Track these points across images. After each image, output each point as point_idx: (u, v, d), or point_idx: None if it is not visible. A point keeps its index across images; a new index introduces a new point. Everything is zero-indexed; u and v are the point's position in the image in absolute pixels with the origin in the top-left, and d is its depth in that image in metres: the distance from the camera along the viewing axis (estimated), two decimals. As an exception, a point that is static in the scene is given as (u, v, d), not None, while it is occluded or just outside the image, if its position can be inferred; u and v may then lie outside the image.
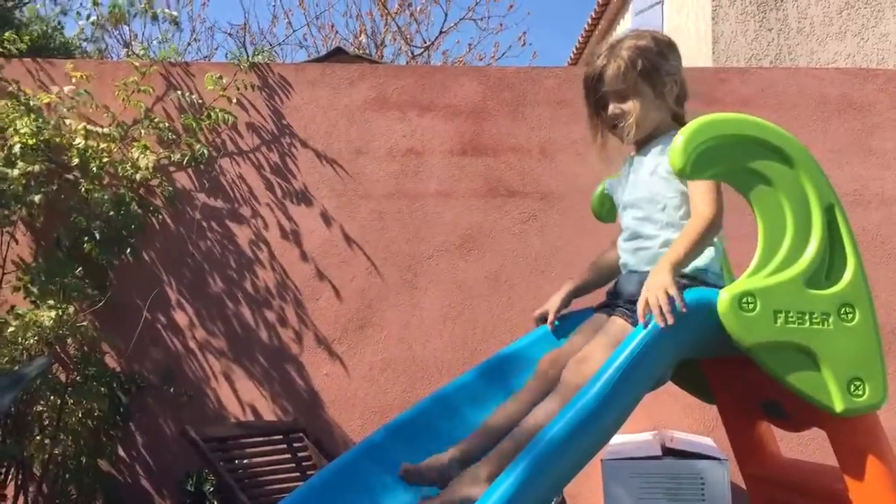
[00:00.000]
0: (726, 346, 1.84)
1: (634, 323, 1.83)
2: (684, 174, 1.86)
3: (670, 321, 1.70)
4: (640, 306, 1.75)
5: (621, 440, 3.45)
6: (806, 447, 3.62)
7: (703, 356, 2.09)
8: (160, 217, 4.00)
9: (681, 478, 3.07)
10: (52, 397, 3.54)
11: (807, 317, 1.83)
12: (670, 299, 1.72)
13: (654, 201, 2.01)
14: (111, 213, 3.75)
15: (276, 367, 3.99)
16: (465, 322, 4.01)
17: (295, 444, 3.61)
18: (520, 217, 4.08)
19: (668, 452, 3.24)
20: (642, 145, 2.10)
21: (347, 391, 3.96)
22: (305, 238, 4.07)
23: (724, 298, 1.82)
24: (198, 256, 4.04)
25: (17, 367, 3.28)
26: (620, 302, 1.98)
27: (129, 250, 3.83)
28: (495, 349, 2.28)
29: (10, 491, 3.47)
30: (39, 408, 3.54)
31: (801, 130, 3.88)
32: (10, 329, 3.44)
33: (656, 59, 2.01)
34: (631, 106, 2.01)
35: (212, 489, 3.58)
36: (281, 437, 3.62)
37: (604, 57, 2.02)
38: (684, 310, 1.72)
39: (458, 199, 4.09)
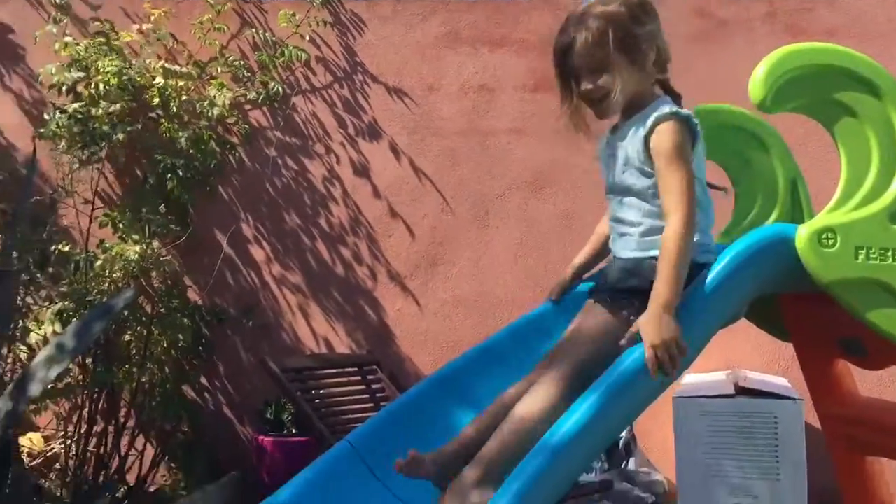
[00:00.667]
0: (804, 283, 1.80)
1: (613, 311, 1.80)
2: (764, 107, 1.81)
3: (675, 376, 1.66)
4: (649, 361, 1.64)
5: (694, 379, 3.44)
6: (885, 389, 3.54)
7: (779, 292, 2.06)
8: (237, 154, 4.08)
9: (753, 417, 3.04)
10: (138, 328, 3.70)
11: (890, 253, 1.78)
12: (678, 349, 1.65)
13: (631, 191, 1.90)
14: (191, 150, 3.84)
15: (351, 302, 4.07)
16: (536, 260, 4.00)
17: (369, 377, 3.70)
18: (593, 153, 4.02)
19: (742, 391, 3.21)
20: (623, 118, 1.97)
21: (420, 326, 4.02)
22: (377, 175, 4.10)
23: (802, 234, 1.78)
24: (273, 193, 4.12)
25: (105, 299, 3.43)
26: (605, 288, 1.90)
27: (208, 187, 3.94)
28: (566, 286, 2.28)
29: (101, 416, 3.66)
30: (127, 338, 3.70)
31: (890, 62, 3.68)
32: (99, 262, 3.59)
33: (629, 25, 1.83)
34: (606, 81, 1.84)
35: (290, 417, 3.71)
36: (356, 369, 3.72)
37: (572, 28, 1.85)
38: (685, 355, 1.65)
39: (530, 135, 4.05)
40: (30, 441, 3.80)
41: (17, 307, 3.44)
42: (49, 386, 3.35)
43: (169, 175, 3.80)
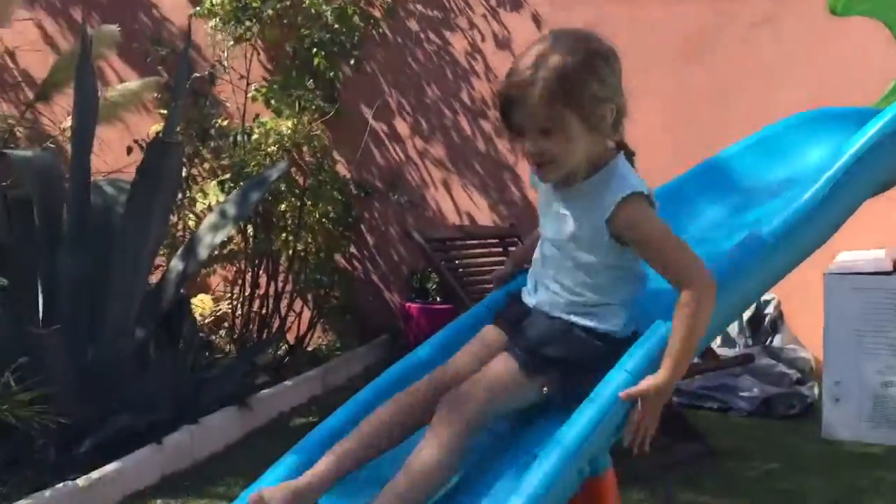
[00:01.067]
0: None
1: (528, 375, 1.59)
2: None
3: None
4: (633, 426, 1.51)
5: (850, 256, 3.29)
6: None
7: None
8: (381, 29, 4.11)
9: (911, 295, 2.91)
10: (292, 199, 3.90)
11: None
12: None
13: (575, 261, 1.65)
14: (335, 25, 3.90)
15: (492, 177, 4.11)
16: (687, 132, 3.87)
17: (510, 248, 3.77)
18: (751, 21, 3.78)
19: (900, 269, 3.06)
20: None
21: (561, 200, 4.02)
22: (520, 48, 4.04)
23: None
24: (416, 67, 4.15)
25: (261, 171, 3.62)
26: (519, 342, 1.66)
27: (352, 62, 4.01)
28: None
29: (262, 280, 3.93)
30: (283, 208, 3.92)
31: None
32: (255, 136, 3.78)
33: (589, 82, 1.54)
34: (554, 145, 1.56)
35: (434, 286, 3.86)
36: (497, 241, 3.79)
37: (519, 80, 1.53)
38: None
39: (682, 3, 3.84)
40: (201, 302, 4.15)
41: (184, 178, 3.71)
42: (215, 252, 3.63)
43: (315, 50, 3.90)
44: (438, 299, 3.86)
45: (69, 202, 2.93)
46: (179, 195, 3.62)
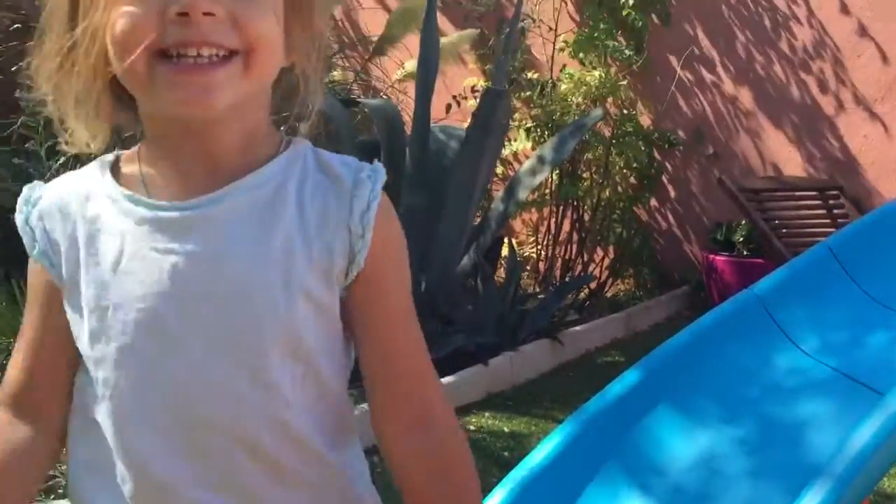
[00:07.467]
0: None
1: None
2: None
3: None
4: None
5: None
6: None
7: None
8: (691, -26, 4.02)
9: None
10: (599, 148, 3.98)
11: None
12: None
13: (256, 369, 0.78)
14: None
15: (809, 127, 3.90)
16: None
17: (830, 201, 3.59)
18: None
19: None
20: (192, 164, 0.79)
21: (889, 153, 3.75)
22: (847, -12, 3.78)
23: None
24: (729, 13, 4.02)
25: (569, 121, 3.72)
26: None
27: (663, 15, 3.98)
28: None
29: (566, 226, 4.06)
30: (589, 156, 4.01)
31: None
32: (563, 87, 3.89)
33: None
34: (254, 12, 0.74)
35: (741, 238, 3.77)
36: (815, 193, 3.62)
37: None
38: None
39: None
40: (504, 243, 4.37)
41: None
42: (528, 197, 3.79)
43: (623, 1, 3.92)
44: (745, 253, 3.77)
45: (411, 146, 3.21)
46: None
